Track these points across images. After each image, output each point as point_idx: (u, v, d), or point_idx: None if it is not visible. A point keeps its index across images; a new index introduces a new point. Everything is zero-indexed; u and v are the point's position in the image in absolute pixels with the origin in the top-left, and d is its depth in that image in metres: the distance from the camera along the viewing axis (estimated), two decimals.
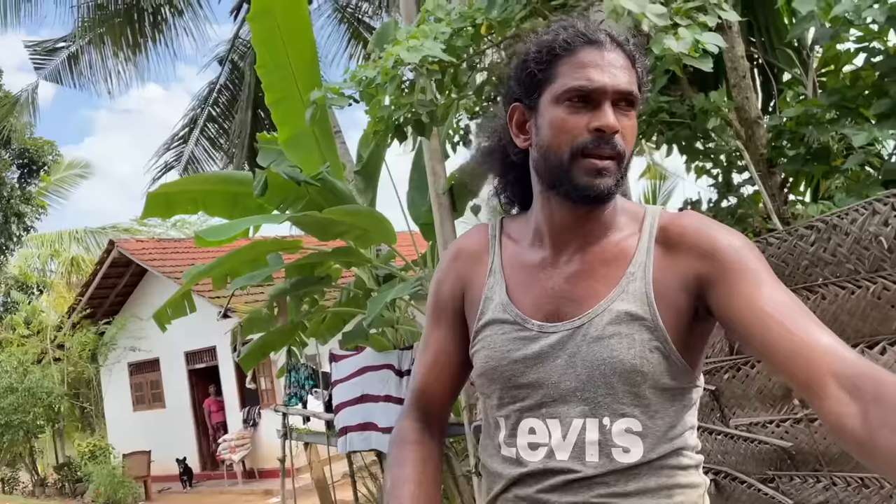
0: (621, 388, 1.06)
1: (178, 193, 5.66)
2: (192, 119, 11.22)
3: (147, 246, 14.07)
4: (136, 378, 14.47)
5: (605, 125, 1.06)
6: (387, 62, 3.44)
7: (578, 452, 1.07)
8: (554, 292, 1.13)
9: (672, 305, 1.07)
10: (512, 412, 1.14)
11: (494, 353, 1.15)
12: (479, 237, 1.26)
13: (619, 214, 1.16)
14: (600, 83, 1.07)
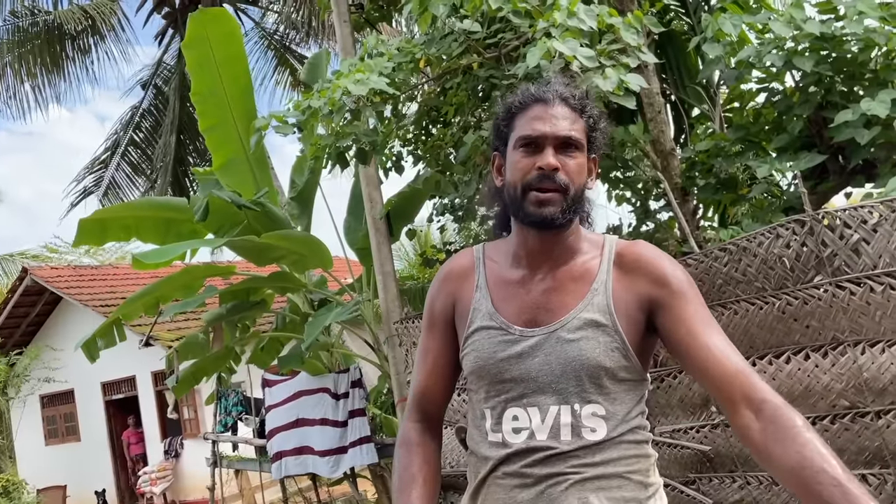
0: (588, 381, 1.30)
1: (111, 220, 5.59)
2: (114, 143, 10.97)
3: (63, 273, 13.51)
4: (49, 410, 13.79)
5: (544, 164, 1.31)
6: (334, 93, 3.60)
7: (555, 433, 1.30)
8: (532, 304, 1.36)
9: (628, 316, 1.32)
10: (497, 403, 1.35)
11: (483, 354, 1.36)
12: (466, 260, 1.48)
13: (583, 241, 1.40)
14: (542, 132, 1.33)
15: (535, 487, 1.30)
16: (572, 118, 1.35)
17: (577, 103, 1.37)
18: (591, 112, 1.38)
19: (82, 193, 11.08)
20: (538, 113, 1.35)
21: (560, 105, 1.35)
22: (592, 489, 1.28)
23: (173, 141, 10.44)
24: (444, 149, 4.96)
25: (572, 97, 1.37)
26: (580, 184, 1.34)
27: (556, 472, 1.29)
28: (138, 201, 9.05)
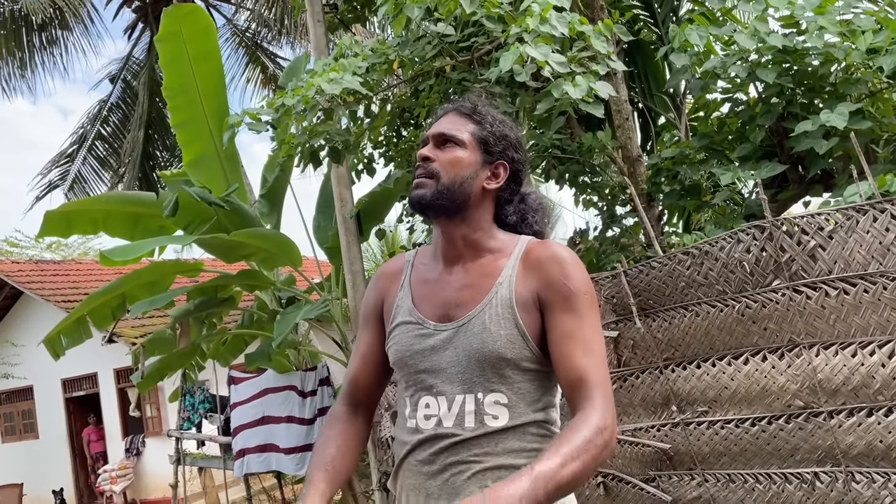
0: (491, 370, 1.39)
1: (77, 213, 5.53)
2: (80, 137, 10.78)
3: (24, 268, 13.22)
4: (7, 407, 13.49)
5: (417, 155, 1.51)
6: (307, 92, 3.62)
7: (460, 420, 1.39)
8: (446, 300, 1.47)
9: (527, 310, 1.41)
10: (413, 392, 1.46)
11: (402, 347, 1.48)
12: (398, 263, 1.62)
13: (492, 240, 1.51)
14: (426, 133, 1.54)
15: (441, 476, 1.38)
16: (456, 122, 1.51)
17: (466, 110, 1.52)
18: (486, 119, 1.52)
19: (48, 187, 10.88)
20: (435, 123, 1.55)
21: (451, 114, 1.53)
22: (492, 478, 1.35)
23: (141, 136, 10.31)
24: (415, 150, 5.01)
25: (463, 106, 1.53)
26: (456, 174, 1.46)
27: (459, 461, 1.38)
28: (106, 195, 8.92)
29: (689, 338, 3.18)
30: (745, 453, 3.10)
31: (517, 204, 1.56)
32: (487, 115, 1.53)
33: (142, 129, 10.18)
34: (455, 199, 1.45)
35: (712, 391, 3.13)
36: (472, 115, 1.52)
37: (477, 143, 1.49)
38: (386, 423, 4.93)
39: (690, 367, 3.20)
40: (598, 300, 1.49)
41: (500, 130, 1.52)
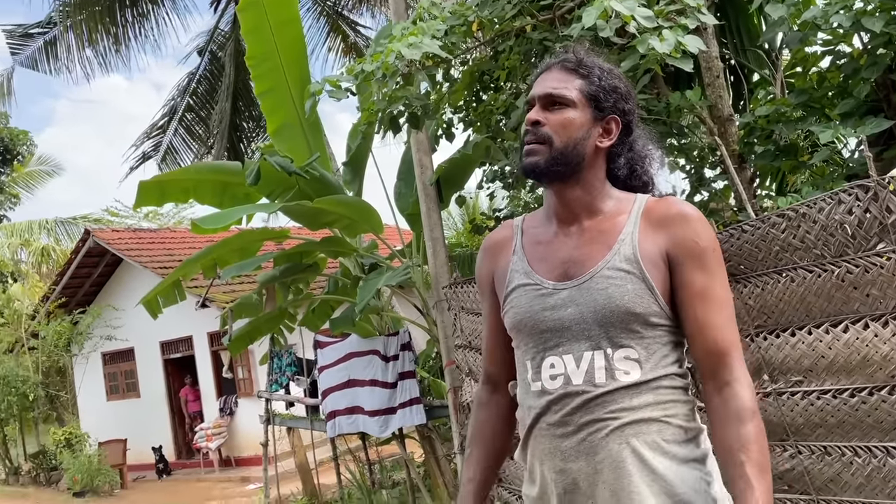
0: (618, 326, 1.36)
1: (169, 182, 5.76)
2: (171, 109, 11.21)
3: (123, 236, 13.98)
4: (111, 367, 14.41)
5: (526, 120, 1.46)
6: (387, 57, 3.61)
7: (590, 377, 1.36)
8: (563, 259, 1.44)
9: (654, 264, 1.38)
10: (536, 354, 1.43)
11: (521, 309, 1.45)
12: (504, 231, 1.60)
13: (608, 199, 1.47)
14: (531, 94, 1.48)
15: (577, 435, 1.35)
16: (565, 78, 1.45)
17: (571, 65, 1.46)
18: (593, 73, 1.45)
19: (141, 158, 11.40)
20: (536, 81, 1.49)
21: (555, 70, 1.47)
22: (632, 434, 1.33)
23: (228, 107, 10.61)
24: (495, 115, 4.94)
25: (569, 60, 1.47)
26: (568, 136, 1.42)
27: (595, 419, 1.34)
28: (196, 165, 9.26)
29: (783, 304, 3.03)
30: (842, 425, 2.96)
31: (626, 154, 1.50)
32: (595, 68, 1.46)
33: (229, 100, 10.47)
34: (569, 162, 1.42)
35: (808, 360, 2.99)
36: (578, 69, 1.45)
37: (587, 99, 1.44)
38: (467, 388, 4.96)
39: (784, 335, 3.06)
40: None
41: (609, 83, 1.46)
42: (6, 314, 13.88)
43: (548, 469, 1.39)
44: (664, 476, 1.31)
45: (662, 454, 1.33)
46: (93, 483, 10.82)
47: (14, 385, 12.00)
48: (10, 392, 11.94)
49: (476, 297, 4.72)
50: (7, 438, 13.35)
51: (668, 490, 1.31)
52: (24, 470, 12.98)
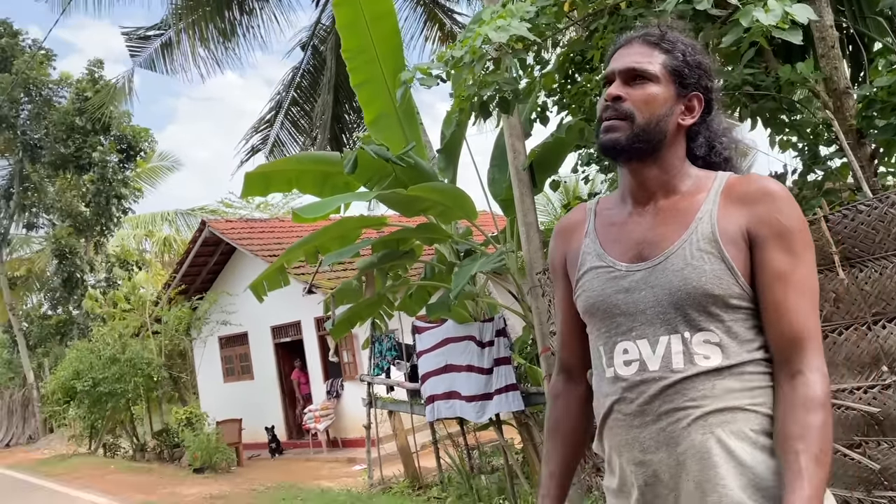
0: (696, 308, 1.28)
1: (274, 173, 5.98)
2: (277, 103, 11.65)
3: (235, 226, 14.71)
4: (227, 351, 15.22)
5: (607, 94, 1.39)
6: (475, 41, 3.59)
7: (667, 362, 1.29)
8: (637, 240, 1.38)
9: (734, 243, 1.29)
10: (609, 339, 1.37)
11: (593, 293, 1.40)
12: (578, 214, 1.55)
13: (687, 178, 1.40)
14: (611, 68, 1.41)
15: (656, 425, 1.28)
16: (647, 52, 1.38)
17: (654, 39, 1.38)
18: (677, 47, 1.38)
19: (250, 152, 11.91)
20: (616, 55, 1.42)
21: (637, 44, 1.40)
22: (716, 423, 1.25)
23: (330, 99, 10.89)
24: (590, 96, 4.81)
25: (651, 34, 1.39)
26: (652, 113, 1.35)
27: (675, 408, 1.27)
28: (297, 156, 9.58)
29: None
30: None
31: (705, 132, 1.42)
32: (678, 42, 1.39)
33: (331, 93, 10.74)
34: (651, 140, 1.35)
35: None
36: (660, 43, 1.38)
37: (670, 75, 1.37)
38: None
39: None
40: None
41: (693, 58, 1.38)
42: (132, 300, 14.92)
43: (626, 461, 1.33)
44: (753, 468, 1.23)
45: (751, 445, 1.25)
46: (211, 460, 11.46)
47: (140, 367, 12.88)
48: (136, 373, 12.83)
49: None
50: (134, 417, 14.37)
51: (757, 482, 1.22)
52: (150, 447, 13.94)
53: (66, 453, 15.27)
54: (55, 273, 20.48)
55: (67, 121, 20.02)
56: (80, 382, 12.86)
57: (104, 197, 20.13)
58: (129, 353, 13.09)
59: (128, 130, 20.49)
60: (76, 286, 20.18)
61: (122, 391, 12.83)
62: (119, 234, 22.19)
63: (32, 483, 11.15)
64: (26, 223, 21.80)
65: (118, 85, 12.78)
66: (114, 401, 13.03)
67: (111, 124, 18.61)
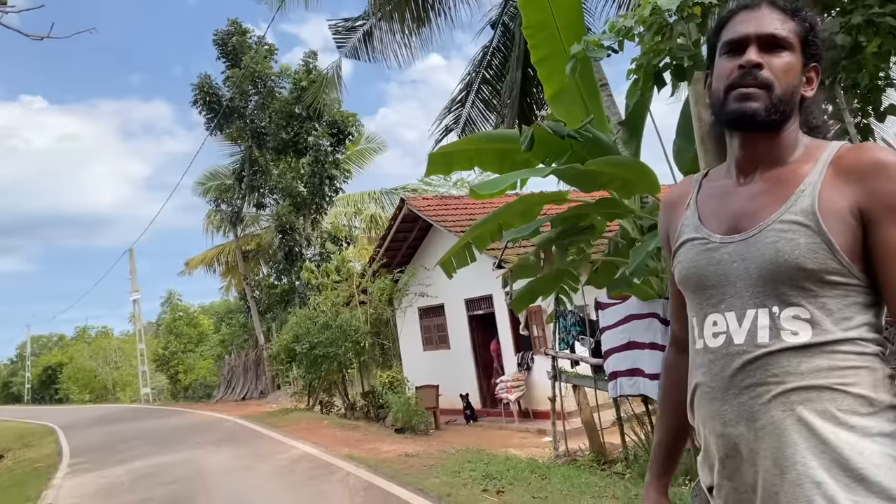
0: (787, 282, 1.25)
1: (455, 153, 6.24)
2: (468, 83, 11.94)
3: (431, 203, 15.43)
4: (425, 321, 16.09)
5: (745, 61, 1.31)
6: (643, 10, 3.51)
7: (752, 336, 1.27)
8: (735, 210, 1.36)
9: (839, 219, 1.24)
10: (700, 311, 1.37)
11: (687, 264, 1.40)
12: (683, 187, 1.55)
13: (799, 148, 1.35)
14: (744, 32, 1.33)
15: (737, 399, 1.26)
16: (780, 19, 1.34)
17: (785, 5, 1.33)
18: (804, 16, 1.33)
19: (444, 132, 12.35)
20: (744, 17, 1.36)
21: (766, 8, 1.35)
22: (798, 401, 1.21)
23: (519, 76, 10.96)
24: None
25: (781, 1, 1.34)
26: (788, 83, 1.30)
27: (756, 382, 1.24)
28: (477, 135, 9.81)
29: None
30: None
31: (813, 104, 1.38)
32: (805, 12, 1.35)
33: (519, 70, 10.81)
34: (785, 111, 1.32)
35: None
36: (789, 10, 1.34)
37: (801, 43, 1.33)
38: None
39: None
40: None
41: (819, 29, 1.35)
42: (342, 272, 16.25)
43: (709, 432, 1.32)
44: (838, 447, 1.18)
45: (837, 424, 1.19)
46: (411, 422, 12.27)
47: (349, 333, 14.05)
48: (346, 339, 14.01)
49: None
50: (346, 378, 15.71)
51: (842, 463, 1.17)
52: (358, 406, 15.18)
53: (289, 408, 17.10)
54: (278, 247, 22.83)
55: (287, 109, 22.11)
56: (298, 345, 14.31)
57: (318, 178, 22.04)
58: (340, 321, 14.31)
59: (338, 116, 22.18)
60: (296, 259, 22.37)
61: (333, 354, 14.08)
62: (332, 212, 24.18)
63: (260, 432, 12.68)
64: (256, 202, 24.46)
65: (329, 75, 13.82)
66: (327, 363, 14.34)
67: (323, 111, 20.24)
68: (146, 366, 35.51)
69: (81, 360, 47.40)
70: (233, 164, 24.89)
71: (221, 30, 23.28)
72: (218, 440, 12.25)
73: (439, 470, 6.74)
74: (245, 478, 8.07)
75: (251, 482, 7.73)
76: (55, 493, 8.89)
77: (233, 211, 24.63)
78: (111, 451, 12.99)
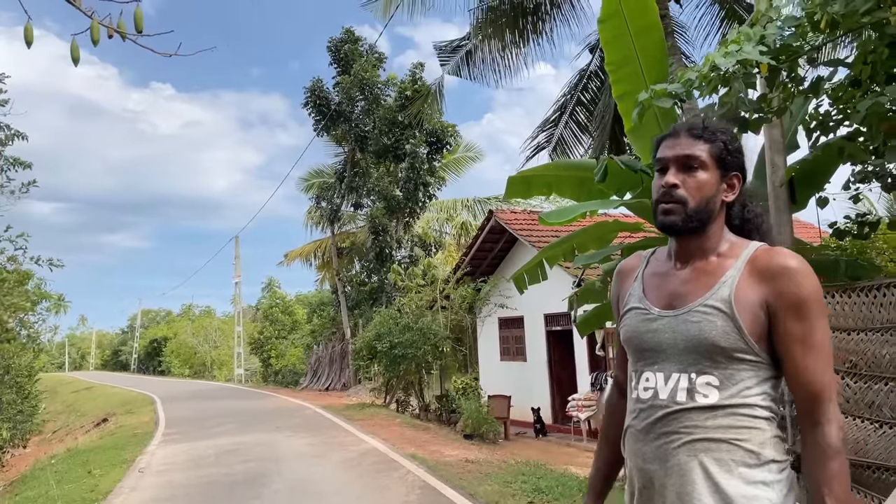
0: (704, 355, 1.56)
1: (535, 178, 6.53)
2: (562, 105, 12.14)
3: (519, 217, 15.71)
4: (504, 332, 16.38)
5: (664, 182, 1.65)
6: (704, 67, 3.72)
7: (673, 394, 1.58)
8: (671, 290, 1.67)
9: (749, 309, 1.54)
10: (638, 367, 1.69)
11: (630, 329, 1.72)
12: (634, 261, 1.86)
13: (724, 244, 1.65)
14: (665, 156, 1.68)
15: (654, 443, 1.57)
16: (695, 143, 1.63)
17: (699, 132, 1.63)
18: (718, 137, 1.62)
19: (535, 149, 12.61)
20: (668, 143, 1.71)
21: (685, 136, 1.65)
22: (701, 449, 1.51)
23: (613, 102, 11.10)
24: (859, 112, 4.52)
25: (694, 128, 1.64)
26: (702, 196, 1.61)
27: (670, 431, 1.55)
28: (556, 162, 10.03)
29: None
30: None
31: (739, 204, 1.68)
32: (718, 132, 1.65)
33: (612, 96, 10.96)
34: (702, 219, 1.63)
35: None
36: (703, 135, 1.65)
37: (715, 161, 1.63)
38: None
39: None
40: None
41: (733, 144, 1.65)
42: (427, 277, 16.77)
43: (632, 466, 1.63)
44: (726, 490, 1.47)
45: (728, 472, 1.49)
46: (480, 429, 12.57)
47: (428, 336, 14.53)
48: (425, 342, 14.49)
49: None
50: (423, 380, 16.21)
51: (728, 502, 1.47)
52: (432, 409, 15.63)
53: (367, 403, 17.78)
54: (370, 247, 23.69)
55: (390, 116, 22.94)
56: (380, 343, 14.92)
57: (413, 183, 22.75)
58: (421, 324, 14.81)
59: (437, 126, 22.82)
60: (386, 259, 23.17)
61: (412, 356, 14.59)
62: (424, 217, 24.85)
63: (336, 423, 13.33)
64: (354, 202, 25.46)
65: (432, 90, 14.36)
66: (406, 363, 14.86)
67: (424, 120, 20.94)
68: (241, 348, 37.38)
69: (184, 337, 50.34)
70: (336, 164, 26.04)
71: (335, 37, 24.43)
72: (297, 426, 12.99)
73: (494, 478, 7.05)
74: (315, 464, 8.65)
75: (320, 469, 8.29)
76: (148, 459, 9.77)
77: (332, 209, 25.73)
78: (202, 425, 13.99)
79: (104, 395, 29.58)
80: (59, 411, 25.94)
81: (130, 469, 9.06)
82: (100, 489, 7.84)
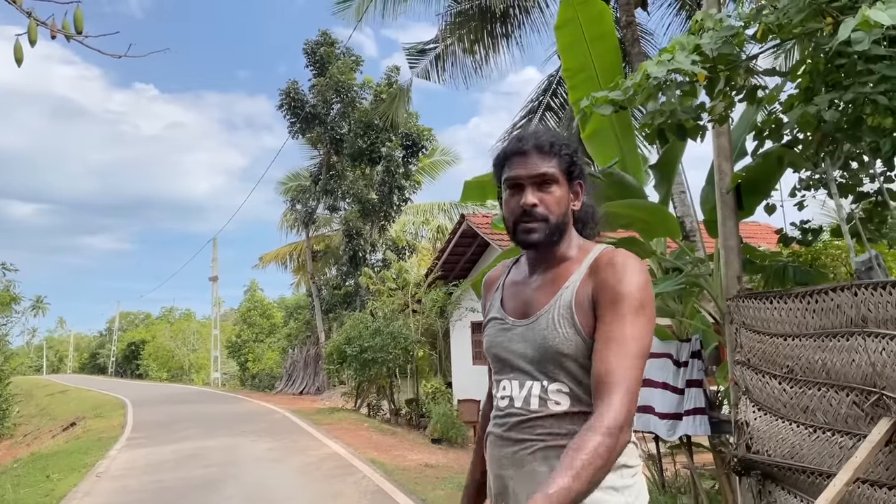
0: (553, 363, 1.58)
1: (489, 182, 6.52)
2: (530, 110, 12.22)
3: (490, 221, 15.71)
4: (476, 336, 16.36)
5: (524, 203, 1.64)
6: (637, 76, 3.74)
7: (527, 402, 1.60)
8: (524, 300, 1.71)
9: (583, 309, 1.57)
10: (497, 375, 1.72)
11: (489, 339, 1.77)
12: (498, 271, 1.91)
13: (573, 249, 1.66)
14: (519, 175, 1.66)
15: (510, 448, 1.59)
16: (545, 159, 1.64)
17: (547, 148, 1.65)
18: (564, 150, 1.65)
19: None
20: (517, 161, 1.69)
21: (534, 153, 1.68)
22: (554, 456, 1.52)
23: None
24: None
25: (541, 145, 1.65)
26: (560, 212, 1.63)
27: (526, 438, 1.57)
28: None
29: None
30: None
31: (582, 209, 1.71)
32: (561, 145, 1.67)
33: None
34: (561, 231, 1.65)
35: None
36: (552, 150, 1.66)
37: (564, 175, 1.66)
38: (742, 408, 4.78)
39: None
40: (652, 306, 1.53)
41: (576, 155, 1.68)
42: (398, 281, 16.75)
43: (491, 472, 1.65)
44: None
45: None
46: (448, 434, 12.56)
47: (399, 340, 14.50)
48: (395, 346, 14.46)
49: (756, 313, 4.62)
50: (393, 384, 16.17)
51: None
52: (402, 413, 15.59)
53: (338, 407, 17.70)
54: (344, 250, 23.61)
55: (366, 119, 22.90)
56: (349, 347, 14.86)
57: (388, 187, 22.72)
58: (392, 328, 14.78)
59: (413, 129, 22.83)
60: (360, 263, 23.11)
61: (382, 360, 14.55)
62: (400, 220, 24.83)
63: (302, 427, 13.28)
64: (329, 205, 25.38)
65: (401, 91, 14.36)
66: (376, 367, 14.81)
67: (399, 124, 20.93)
68: (219, 351, 37.12)
69: (162, 340, 49.92)
70: (311, 166, 25.94)
71: (312, 39, 24.35)
72: (262, 430, 12.92)
73: (448, 483, 7.05)
74: (273, 469, 8.61)
75: (277, 474, 8.24)
76: (108, 464, 9.66)
77: (307, 211, 25.63)
78: (169, 429, 13.87)
79: (78, 398, 29.26)
80: (32, 415, 25.65)
81: (88, 474, 8.96)
82: (55, 493, 7.75)
